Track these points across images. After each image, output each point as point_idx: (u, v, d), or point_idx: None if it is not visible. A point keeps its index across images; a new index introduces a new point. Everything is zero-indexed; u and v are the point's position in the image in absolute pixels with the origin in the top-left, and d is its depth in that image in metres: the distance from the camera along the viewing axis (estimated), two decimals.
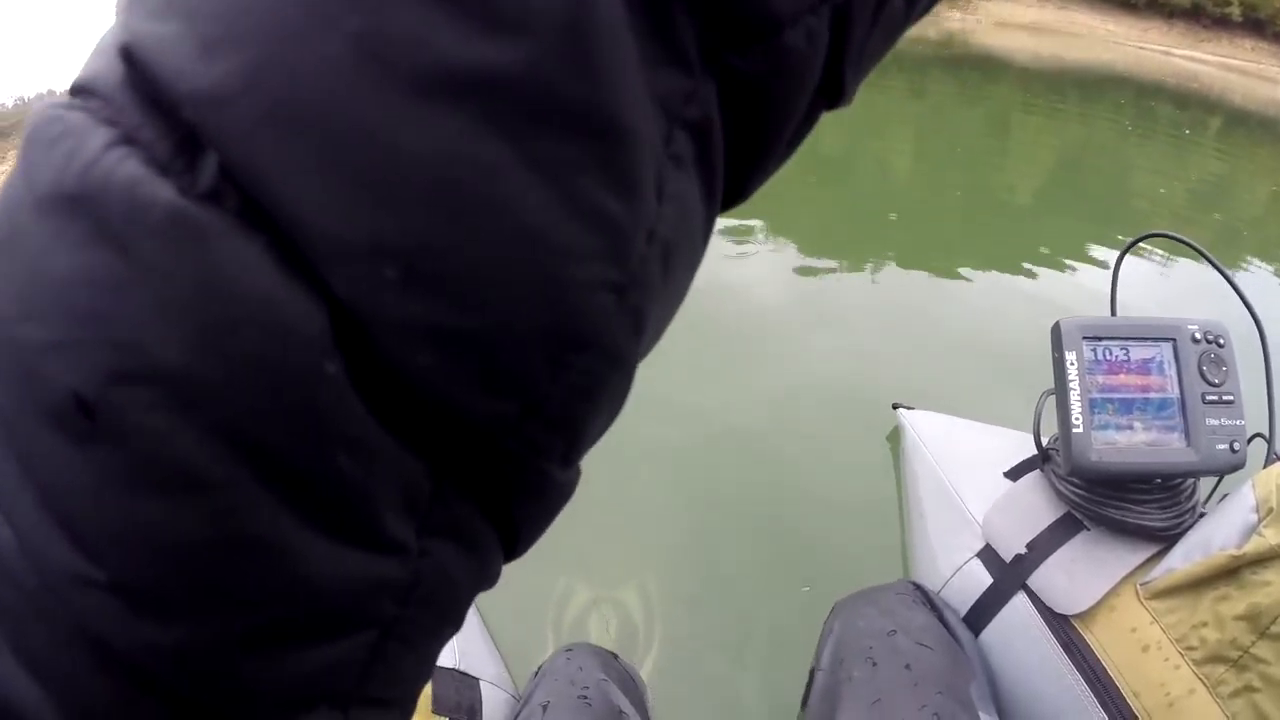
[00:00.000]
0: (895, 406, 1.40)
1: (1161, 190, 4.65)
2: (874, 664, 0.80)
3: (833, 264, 2.76)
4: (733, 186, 0.15)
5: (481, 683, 0.82)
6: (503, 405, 0.13)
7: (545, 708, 0.74)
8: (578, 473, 0.16)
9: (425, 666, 0.16)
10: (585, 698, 0.75)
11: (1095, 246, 3.11)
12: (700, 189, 0.14)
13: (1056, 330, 0.85)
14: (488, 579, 0.16)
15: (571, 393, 0.13)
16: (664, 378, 1.82)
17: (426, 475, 0.13)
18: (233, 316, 0.11)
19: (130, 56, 0.12)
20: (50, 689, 0.12)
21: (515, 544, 0.16)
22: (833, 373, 1.97)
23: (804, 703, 0.91)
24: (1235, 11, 20.17)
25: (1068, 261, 2.96)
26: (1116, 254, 0.96)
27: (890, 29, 0.15)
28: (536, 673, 0.85)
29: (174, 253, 0.11)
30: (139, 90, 0.12)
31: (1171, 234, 0.95)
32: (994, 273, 2.82)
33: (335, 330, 0.11)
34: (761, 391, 1.86)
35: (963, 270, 2.78)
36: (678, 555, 1.40)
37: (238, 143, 0.11)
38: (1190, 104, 9.29)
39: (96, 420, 0.11)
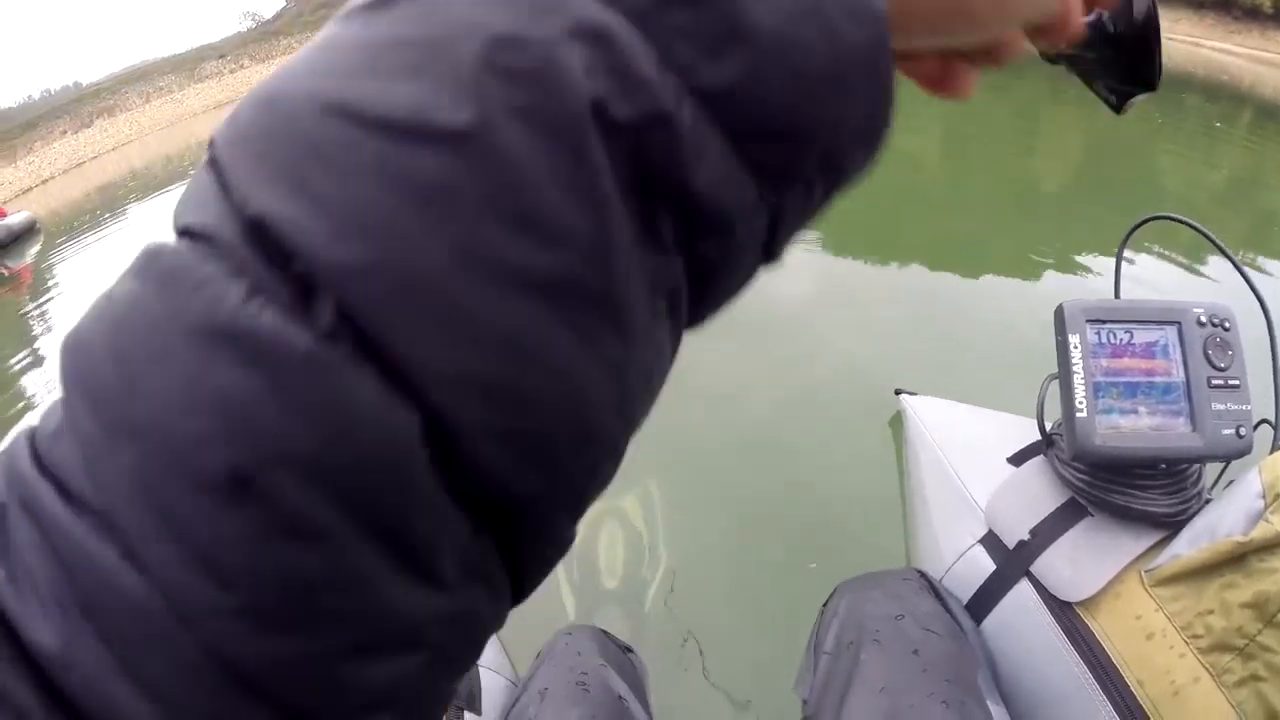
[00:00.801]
0: (898, 392, 1.39)
1: (1192, 183, 4.57)
2: (881, 648, 0.79)
3: (858, 254, 2.75)
4: (693, 319, 0.21)
5: (480, 668, 0.82)
6: (535, 479, 0.18)
7: (543, 694, 0.74)
8: (575, 534, 0.21)
9: (450, 690, 0.21)
10: (583, 684, 0.75)
11: (1140, 243, 3.06)
12: (670, 332, 0.20)
13: (1060, 313, 0.84)
14: (500, 619, 0.20)
15: (582, 472, 0.19)
16: (684, 360, 1.83)
17: (471, 530, 0.18)
18: (352, 423, 0.15)
19: (263, 227, 0.16)
20: (163, 703, 0.16)
21: (520, 589, 0.20)
22: (852, 360, 1.97)
23: (798, 681, 0.91)
24: (1267, 3, 19.76)
25: (1095, 253, 2.92)
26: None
27: (812, 212, 0.21)
28: (537, 656, 0.85)
29: (309, 379, 0.15)
30: (260, 250, 0.16)
31: (1177, 217, 0.93)
32: (1022, 264, 2.79)
33: (426, 432, 0.16)
34: (777, 377, 1.87)
35: (990, 261, 2.76)
36: (686, 534, 1.41)
37: (366, 304, 0.15)
38: (1220, 96, 9.10)
39: (249, 490, 0.15)
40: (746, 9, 0.17)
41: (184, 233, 0.17)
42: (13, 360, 3.97)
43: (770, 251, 0.21)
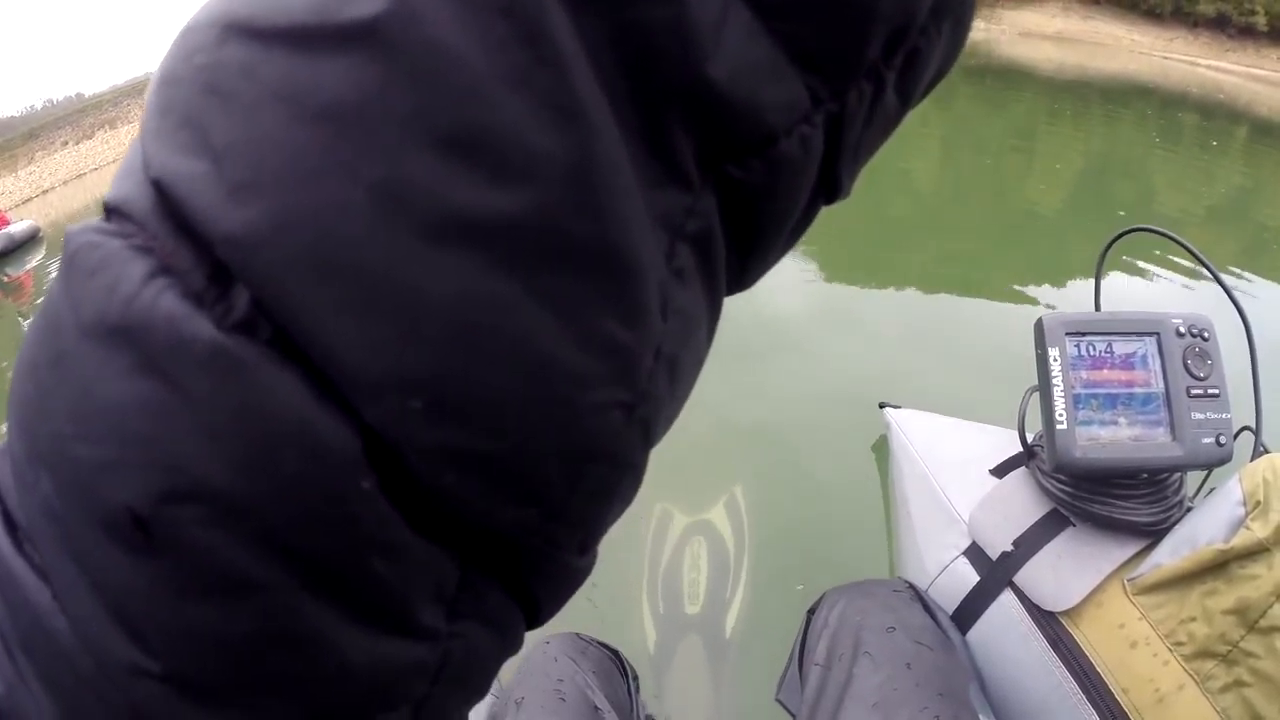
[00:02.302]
0: (882, 406, 1.39)
1: (1188, 201, 4.59)
2: (874, 662, 0.79)
3: (853, 272, 2.76)
4: (735, 280, 0.16)
5: None
6: (524, 513, 0.14)
7: (519, 703, 0.73)
8: (594, 556, 0.16)
9: None
10: (560, 692, 0.75)
11: (1123, 257, 3.08)
12: (703, 295, 0.15)
13: (1039, 326, 0.85)
14: (513, 649, 0.17)
15: (587, 498, 0.14)
16: None
17: (455, 567, 0.14)
18: (273, 441, 0.12)
19: (162, 191, 0.12)
20: None
21: (537, 617, 0.17)
22: (844, 375, 1.97)
23: (783, 688, 0.90)
24: (1261, 21, 19.97)
25: (1089, 270, 2.92)
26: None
27: (884, 125, 0.15)
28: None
29: (216, 384, 0.12)
30: (171, 219, 0.12)
31: (1156, 229, 0.94)
32: (1015, 282, 2.80)
33: (368, 450, 0.12)
34: (767, 391, 1.88)
35: (984, 279, 2.77)
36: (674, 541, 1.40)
37: (268, 284, 0.12)
38: (1216, 115, 9.16)
39: (150, 534, 0.12)
40: None
41: (104, 208, 0.14)
42: (11, 369, 3.97)
43: (831, 181, 0.15)
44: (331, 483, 0.12)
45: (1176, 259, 2.80)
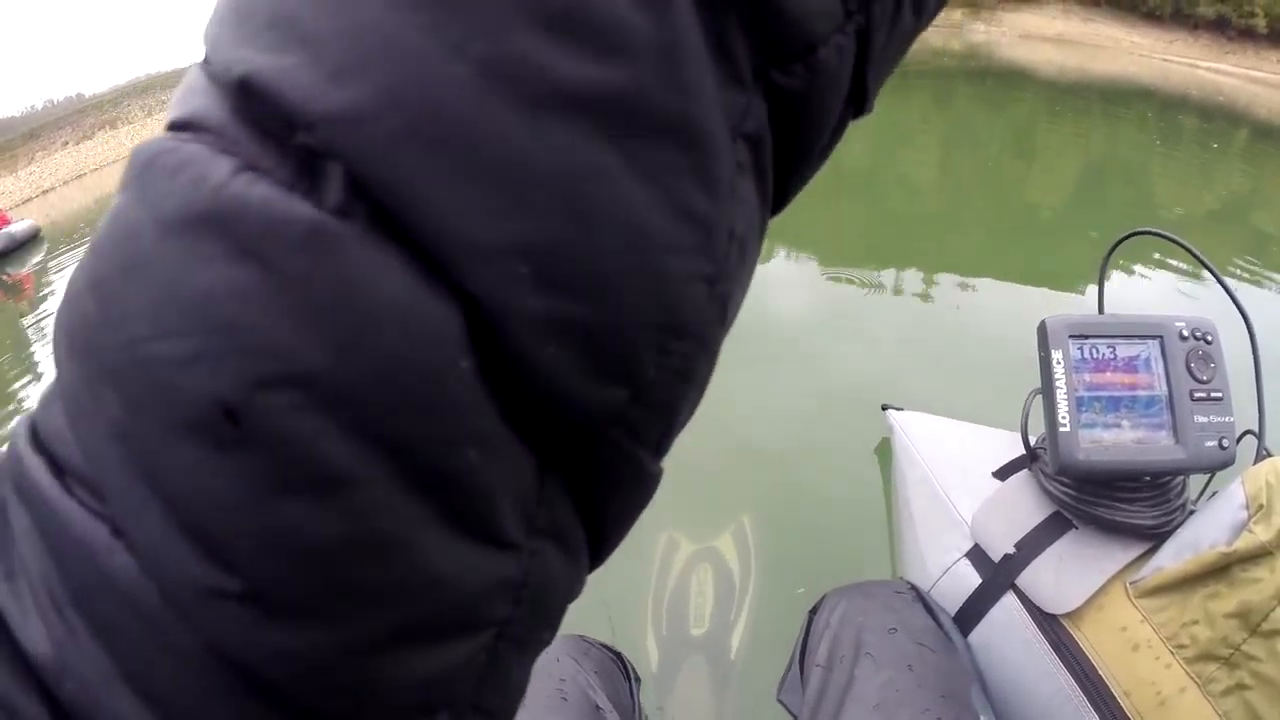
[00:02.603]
0: (885, 408, 1.39)
1: (1188, 203, 4.59)
2: (876, 664, 0.79)
3: (852, 274, 2.76)
4: (777, 192, 0.17)
5: None
6: (614, 392, 0.14)
7: (521, 702, 0.74)
8: (660, 471, 0.16)
9: (526, 675, 0.17)
10: (561, 692, 0.75)
11: (1126, 260, 3.08)
12: (757, 194, 0.15)
13: (1043, 329, 0.85)
14: (578, 584, 0.17)
15: (672, 377, 0.14)
16: None
17: (535, 471, 0.14)
18: (373, 320, 0.12)
19: (250, 88, 0.13)
20: (167, 714, 0.13)
21: (600, 546, 0.17)
22: (847, 377, 1.97)
23: (784, 689, 0.90)
24: (1261, 23, 19.98)
25: (1090, 272, 2.92)
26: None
27: (903, 39, 0.17)
28: None
29: (313, 264, 0.12)
30: (252, 121, 0.13)
31: (1160, 231, 0.94)
32: (1017, 283, 2.80)
33: (469, 330, 0.12)
34: (771, 394, 1.87)
35: (986, 281, 2.77)
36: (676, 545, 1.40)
37: (370, 158, 0.12)
38: (1216, 117, 9.16)
39: (242, 426, 0.12)
40: None
41: (170, 127, 0.14)
42: (12, 369, 3.97)
43: (860, 95, 0.17)
44: (431, 361, 0.12)
45: (1180, 261, 2.81)
